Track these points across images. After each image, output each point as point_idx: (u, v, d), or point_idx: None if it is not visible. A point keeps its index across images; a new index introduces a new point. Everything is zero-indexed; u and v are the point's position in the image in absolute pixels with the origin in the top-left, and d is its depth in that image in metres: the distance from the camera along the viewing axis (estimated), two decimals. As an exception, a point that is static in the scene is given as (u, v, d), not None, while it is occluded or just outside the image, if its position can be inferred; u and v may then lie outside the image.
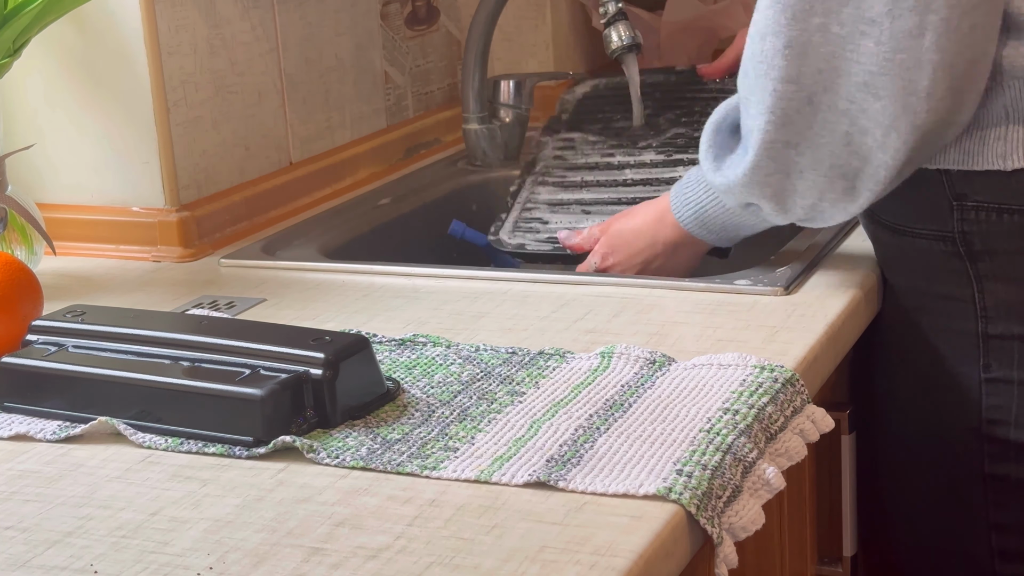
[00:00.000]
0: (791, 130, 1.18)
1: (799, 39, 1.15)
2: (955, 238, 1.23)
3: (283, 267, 1.44)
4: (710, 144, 1.26)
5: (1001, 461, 1.25)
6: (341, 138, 1.76)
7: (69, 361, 1.08)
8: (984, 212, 1.21)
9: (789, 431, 1.02)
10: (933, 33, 1.12)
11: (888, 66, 1.13)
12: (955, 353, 1.26)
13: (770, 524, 1.00)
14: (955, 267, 1.24)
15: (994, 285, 1.23)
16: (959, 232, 1.23)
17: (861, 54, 1.14)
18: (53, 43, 1.48)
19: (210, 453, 1.01)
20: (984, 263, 1.23)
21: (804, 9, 1.15)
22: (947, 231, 1.23)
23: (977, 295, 1.24)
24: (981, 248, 1.22)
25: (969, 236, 1.22)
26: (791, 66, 1.16)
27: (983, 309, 1.24)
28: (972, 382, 1.25)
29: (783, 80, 1.16)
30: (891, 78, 1.14)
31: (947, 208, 1.22)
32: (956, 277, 1.24)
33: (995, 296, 1.23)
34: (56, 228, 1.49)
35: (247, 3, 1.58)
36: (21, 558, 0.88)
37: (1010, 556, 1.27)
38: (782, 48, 1.16)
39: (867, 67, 1.14)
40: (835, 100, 1.16)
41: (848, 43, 1.14)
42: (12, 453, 1.03)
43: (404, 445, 1.00)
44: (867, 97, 1.15)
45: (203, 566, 0.86)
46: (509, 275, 1.38)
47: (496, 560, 0.84)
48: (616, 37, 1.67)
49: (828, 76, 1.16)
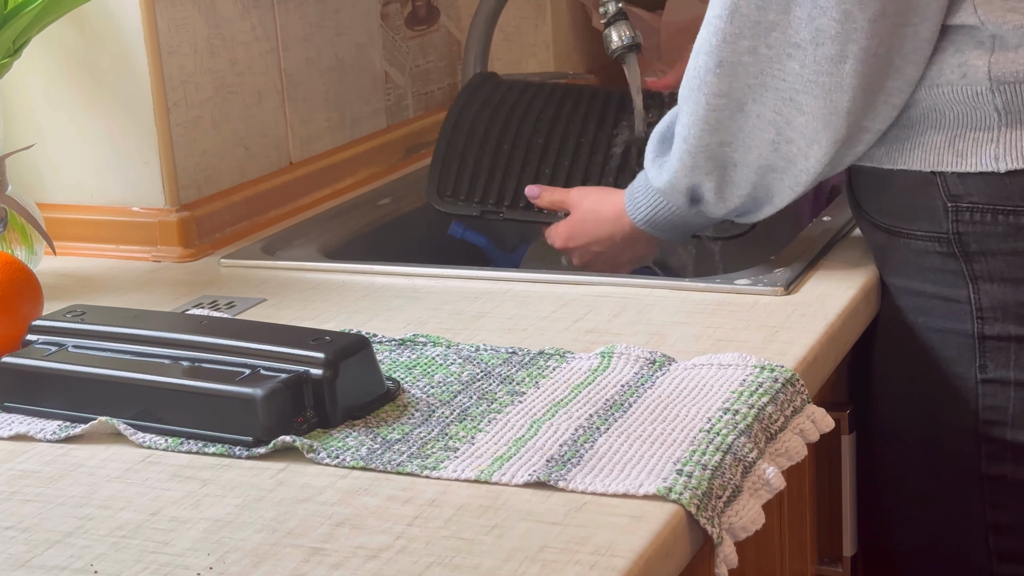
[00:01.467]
0: (725, 133, 1.26)
1: (729, 59, 1.23)
2: (950, 239, 1.24)
3: (283, 267, 1.44)
4: (655, 151, 1.34)
5: (998, 462, 1.25)
6: (341, 138, 1.76)
7: (69, 361, 1.08)
8: (979, 213, 1.22)
9: (789, 431, 1.02)
10: (854, 60, 1.20)
11: (811, 87, 1.21)
12: (951, 354, 1.26)
13: (770, 524, 1.00)
14: (951, 268, 1.24)
15: (990, 286, 1.23)
16: (954, 233, 1.23)
17: (787, 74, 1.22)
18: (53, 43, 1.48)
19: (210, 453, 1.01)
20: (979, 264, 1.23)
21: (735, 32, 1.22)
22: (942, 233, 1.24)
23: (973, 296, 1.24)
24: (976, 249, 1.23)
25: (964, 237, 1.23)
26: (722, 83, 1.23)
27: (979, 310, 1.24)
28: (968, 383, 1.25)
29: (715, 95, 1.24)
30: (814, 97, 1.21)
31: (942, 210, 1.23)
32: (952, 278, 1.25)
33: (991, 297, 1.23)
34: (56, 228, 1.49)
35: (247, 3, 1.58)
36: (21, 558, 0.88)
37: (1007, 556, 1.27)
38: (714, 67, 1.23)
39: (792, 85, 1.22)
40: (763, 110, 1.24)
41: (775, 63, 1.22)
42: (12, 453, 1.03)
43: (404, 445, 1.00)
44: (792, 111, 1.23)
45: (203, 566, 0.86)
46: (509, 275, 1.38)
47: (496, 560, 0.84)
48: (616, 37, 1.66)
49: (756, 90, 1.23)
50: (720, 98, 1.24)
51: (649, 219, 1.36)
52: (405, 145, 1.86)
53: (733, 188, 1.28)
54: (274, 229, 1.57)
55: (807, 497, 1.27)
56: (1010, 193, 1.20)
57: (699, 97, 1.25)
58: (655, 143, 1.34)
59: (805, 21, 1.19)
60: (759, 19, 1.21)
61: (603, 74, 2.19)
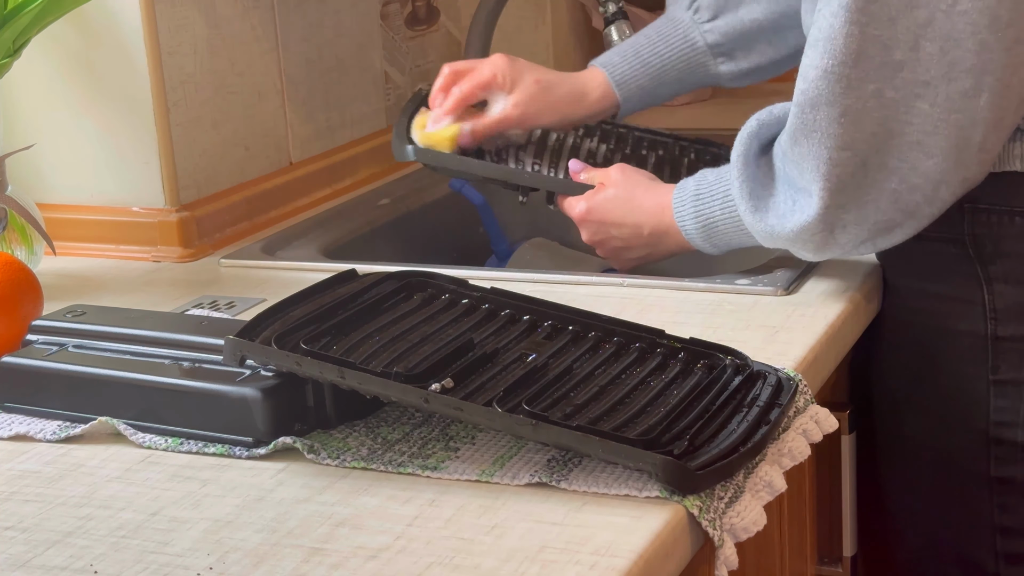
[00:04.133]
0: (844, 194, 1.18)
1: (854, 107, 1.15)
2: (965, 240, 1.23)
3: (283, 267, 1.44)
4: (744, 179, 1.25)
5: (1007, 464, 1.25)
6: (341, 138, 1.76)
7: (69, 361, 1.08)
8: (995, 215, 1.21)
9: (792, 431, 1.02)
10: (989, 93, 1.13)
11: (942, 126, 1.14)
12: (963, 355, 1.26)
13: (770, 524, 1.00)
14: (965, 269, 1.24)
15: (1004, 287, 1.23)
16: (969, 235, 1.23)
17: (915, 116, 1.14)
18: (53, 43, 1.48)
19: (210, 453, 1.01)
20: (995, 266, 1.23)
21: (859, 78, 1.14)
22: (957, 234, 1.23)
23: (987, 297, 1.23)
24: (992, 250, 1.22)
25: (980, 239, 1.22)
26: (847, 134, 1.15)
27: (993, 311, 1.23)
28: (979, 384, 1.25)
29: (839, 148, 1.16)
30: (945, 136, 1.14)
31: (957, 211, 1.22)
32: (965, 279, 1.24)
33: (1005, 298, 1.23)
34: (56, 228, 1.49)
35: (247, 3, 1.58)
36: (21, 558, 0.88)
37: (1015, 559, 1.27)
38: (838, 117, 1.15)
39: (920, 127, 1.14)
40: (885, 160, 1.16)
41: (901, 106, 1.14)
42: (12, 453, 1.03)
43: (405, 445, 1.00)
44: (919, 156, 1.15)
45: (203, 566, 0.86)
46: (509, 275, 1.38)
47: (496, 560, 0.84)
48: (616, 37, 1.67)
49: (881, 138, 1.15)
50: (844, 151, 1.15)
51: (706, 229, 1.29)
52: (405, 145, 1.86)
53: (834, 247, 1.21)
54: (274, 229, 1.57)
55: (807, 497, 1.27)
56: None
57: (820, 151, 1.16)
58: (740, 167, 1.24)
59: (937, 56, 1.12)
60: (886, 60, 1.13)
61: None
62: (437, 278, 1.15)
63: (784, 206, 1.22)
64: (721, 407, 0.99)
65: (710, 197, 1.29)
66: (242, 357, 1.00)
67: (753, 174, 1.24)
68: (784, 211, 1.22)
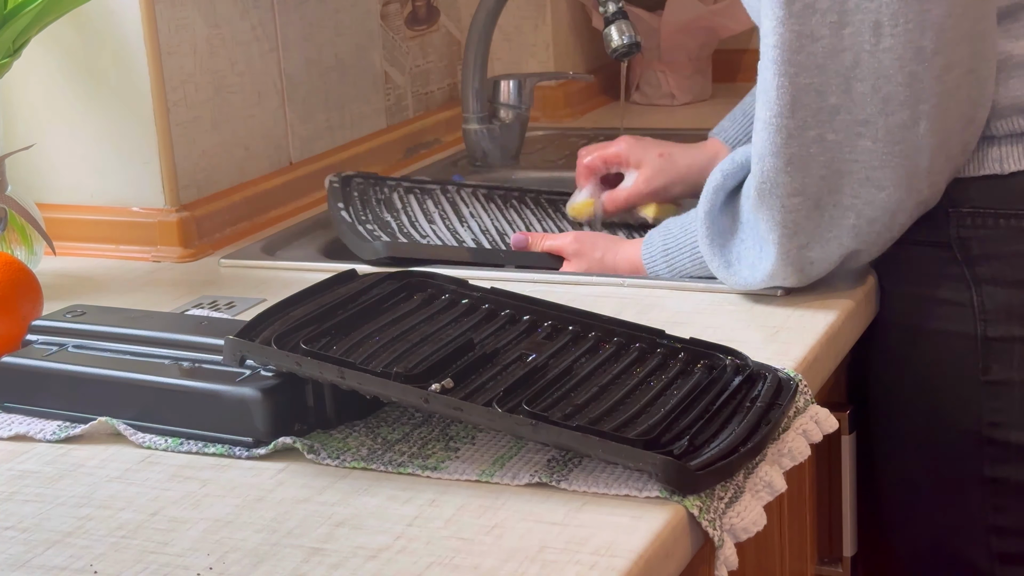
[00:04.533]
0: (803, 235, 1.20)
1: (798, 154, 1.17)
2: (951, 244, 1.24)
3: (283, 267, 1.44)
4: (712, 236, 1.26)
5: (1001, 464, 1.25)
6: (341, 138, 1.76)
7: (69, 361, 1.08)
8: (980, 217, 1.22)
9: (792, 431, 1.02)
10: (927, 120, 1.16)
11: (888, 159, 1.16)
12: (954, 357, 1.26)
13: (770, 524, 1.00)
14: (953, 272, 1.25)
15: (993, 288, 1.23)
16: (956, 238, 1.23)
17: (859, 153, 1.17)
18: (53, 43, 1.48)
19: (210, 453, 1.01)
20: (982, 267, 1.23)
21: (798, 127, 1.16)
22: (943, 238, 1.24)
23: (976, 299, 1.24)
24: (979, 253, 1.23)
25: (967, 242, 1.23)
26: (795, 181, 1.18)
27: (982, 312, 1.24)
28: (972, 385, 1.25)
29: (789, 195, 1.18)
30: (892, 168, 1.17)
31: (943, 214, 1.23)
32: (954, 282, 1.25)
33: (994, 299, 1.23)
34: (56, 228, 1.49)
35: (247, 3, 1.58)
36: (21, 558, 0.88)
37: (1010, 559, 1.27)
38: (784, 166, 1.18)
39: (867, 164, 1.17)
40: (839, 198, 1.19)
41: (845, 147, 1.17)
42: (12, 453, 1.03)
43: (405, 445, 1.00)
44: (871, 190, 1.18)
45: (203, 566, 0.86)
46: (509, 275, 1.38)
47: (496, 560, 0.84)
48: (616, 36, 1.67)
49: (831, 179, 1.18)
50: (795, 197, 1.18)
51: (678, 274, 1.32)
52: (405, 145, 1.86)
53: (806, 280, 1.24)
54: (274, 229, 1.57)
55: (807, 497, 1.27)
56: (1011, 196, 1.20)
57: (773, 201, 1.19)
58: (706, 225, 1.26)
59: (870, 95, 1.15)
60: (821, 105, 1.15)
61: (603, 74, 2.19)
62: (437, 278, 1.15)
63: (752, 255, 1.24)
64: (721, 407, 0.99)
65: (678, 251, 1.32)
66: (242, 357, 1.00)
67: (720, 229, 1.26)
68: (753, 260, 1.24)
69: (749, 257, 1.25)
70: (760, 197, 1.20)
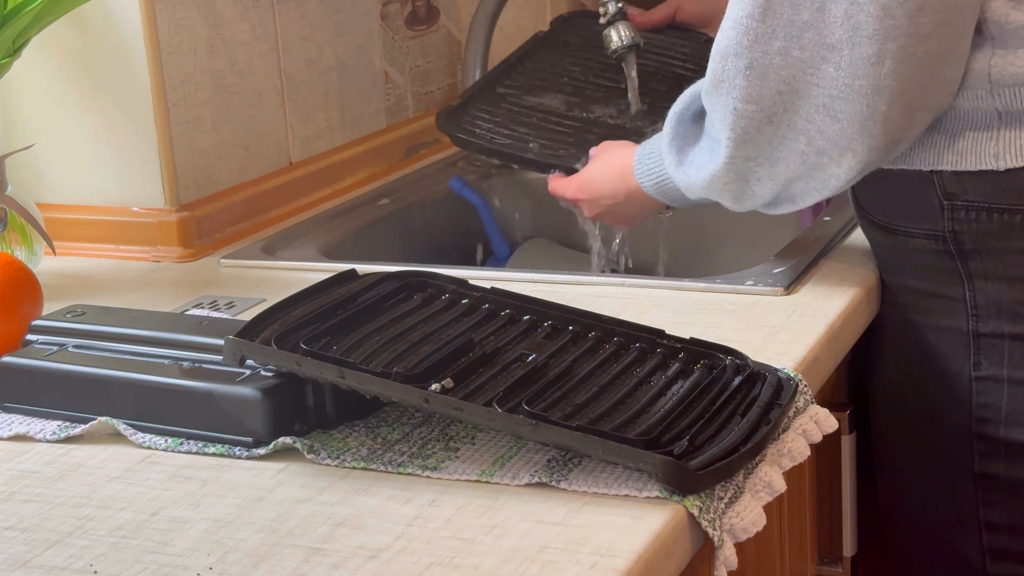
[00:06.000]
0: (751, 146, 1.21)
1: (760, 61, 1.18)
2: (946, 237, 1.24)
3: (283, 267, 1.44)
4: (673, 136, 1.29)
5: (991, 459, 1.26)
6: (341, 138, 1.76)
7: (69, 361, 1.08)
8: (974, 212, 1.22)
9: (792, 431, 1.02)
10: (892, 60, 1.15)
11: (848, 91, 1.16)
12: (947, 351, 1.27)
13: (770, 524, 1.00)
14: (947, 266, 1.25)
15: (985, 284, 1.23)
16: (950, 232, 1.23)
17: (821, 78, 1.17)
18: (53, 43, 1.48)
19: (210, 453, 1.01)
20: (975, 262, 1.23)
21: (766, 32, 1.17)
22: (938, 231, 1.24)
23: (968, 294, 1.24)
24: (972, 247, 1.23)
25: (960, 236, 1.23)
26: (752, 87, 1.18)
27: (974, 308, 1.24)
28: (963, 380, 1.26)
29: (744, 100, 1.19)
30: (850, 102, 1.16)
31: (938, 208, 1.23)
32: (948, 276, 1.25)
33: (986, 295, 1.23)
34: (56, 228, 1.49)
35: (247, 3, 1.58)
36: (21, 558, 0.88)
37: (1001, 555, 1.27)
38: (744, 69, 1.18)
39: (827, 91, 1.17)
40: (794, 119, 1.19)
41: (808, 67, 1.17)
42: (12, 453, 1.03)
43: (405, 445, 1.00)
44: (825, 119, 1.18)
45: (203, 566, 0.86)
46: (509, 275, 1.38)
47: (496, 560, 0.84)
48: (616, 37, 1.66)
49: (788, 97, 1.18)
50: (749, 104, 1.19)
51: (657, 185, 1.34)
52: (405, 145, 1.86)
53: (752, 198, 1.25)
54: (274, 229, 1.57)
55: (807, 497, 1.27)
56: (1006, 192, 1.20)
57: (727, 101, 1.20)
58: (672, 125, 1.29)
59: (841, 19, 1.14)
60: (792, 18, 1.16)
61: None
62: (437, 278, 1.15)
63: (702, 157, 1.26)
64: (721, 407, 0.99)
65: (657, 154, 1.33)
66: (242, 357, 1.00)
67: (683, 131, 1.29)
68: (702, 162, 1.26)
69: (700, 159, 1.26)
70: (716, 94, 1.21)
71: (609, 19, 1.67)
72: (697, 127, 1.28)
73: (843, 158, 1.19)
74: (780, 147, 1.20)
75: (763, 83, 1.18)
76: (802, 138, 1.19)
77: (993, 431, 1.25)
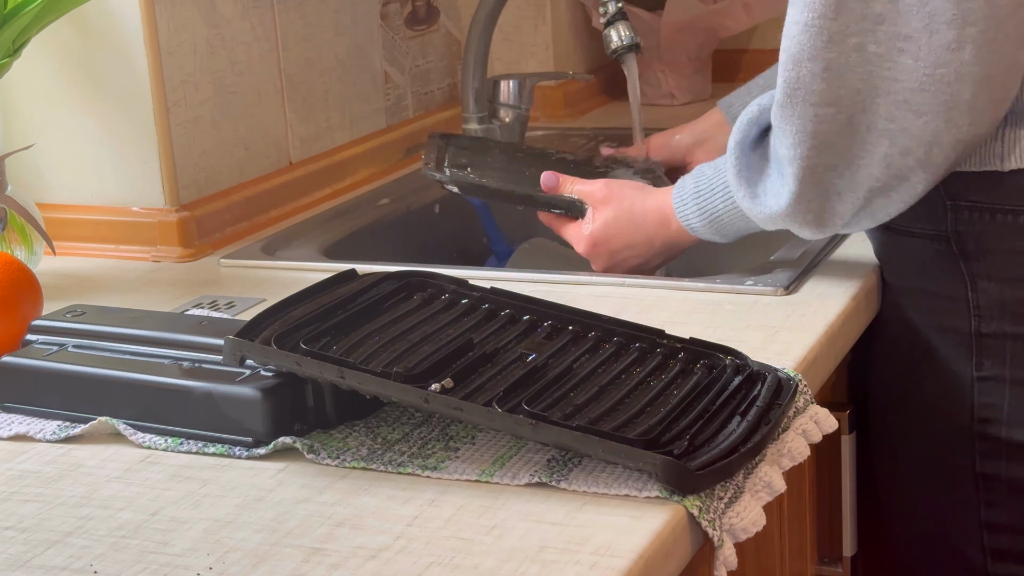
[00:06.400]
0: (832, 153, 1.17)
1: (836, 61, 1.13)
2: (949, 237, 1.24)
3: (283, 267, 1.44)
4: (740, 167, 1.24)
5: (992, 460, 1.26)
6: (341, 138, 1.76)
7: (69, 361, 1.08)
8: (977, 212, 1.22)
9: (792, 431, 1.02)
10: (973, 46, 1.11)
11: (928, 82, 1.12)
12: (948, 351, 1.26)
13: (770, 524, 1.00)
14: (949, 266, 1.25)
15: (987, 284, 1.23)
16: (953, 232, 1.23)
17: (899, 71, 1.13)
18: (53, 43, 1.48)
19: (210, 453, 1.01)
20: (978, 263, 1.23)
21: (840, 31, 1.13)
22: (941, 231, 1.24)
23: (971, 294, 1.24)
24: (975, 248, 1.23)
25: (963, 236, 1.23)
26: (830, 89, 1.14)
27: (976, 308, 1.24)
28: (964, 381, 1.26)
29: (823, 104, 1.15)
30: (932, 94, 1.12)
31: (941, 208, 1.23)
32: (950, 276, 1.25)
33: (988, 295, 1.23)
34: (56, 228, 1.49)
35: (247, 3, 1.58)
36: (21, 558, 0.88)
37: (1002, 555, 1.27)
38: (820, 72, 1.14)
39: (906, 84, 1.13)
40: (874, 120, 1.15)
41: (885, 61, 1.13)
42: (12, 453, 1.03)
43: (405, 445, 1.00)
44: (907, 115, 1.14)
45: (203, 566, 0.86)
46: (509, 275, 1.38)
47: (496, 560, 0.84)
48: (616, 37, 1.66)
49: (866, 96, 1.14)
50: (829, 107, 1.14)
51: (713, 223, 1.29)
52: (405, 145, 1.86)
53: (833, 217, 1.20)
54: (274, 229, 1.57)
55: (807, 497, 1.27)
56: (1010, 193, 1.20)
57: (805, 109, 1.15)
58: (736, 156, 1.24)
59: (916, 7, 1.10)
60: (865, 12, 1.11)
61: (603, 74, 2.19)
62: (437, 278, 1.15)
63: (777, 184, 1.22)
64: (721, 407, 0.99)
65: (711, 192, 1.29)
66: (242, 357, 1.00)
67: (748, 161, 1.24)
68: (778, 188, 1.21)
69: (774, 186, 1.21)
70: (790, 104, 1.16)
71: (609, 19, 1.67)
72: (759, 154, 1.24)
73: (930, 155, 1.14)
74: (861, 152, 1.16)
75: (841, 83, 1.14)
76: (885, 140, 1.15)
77: (994, 431, 1.25)
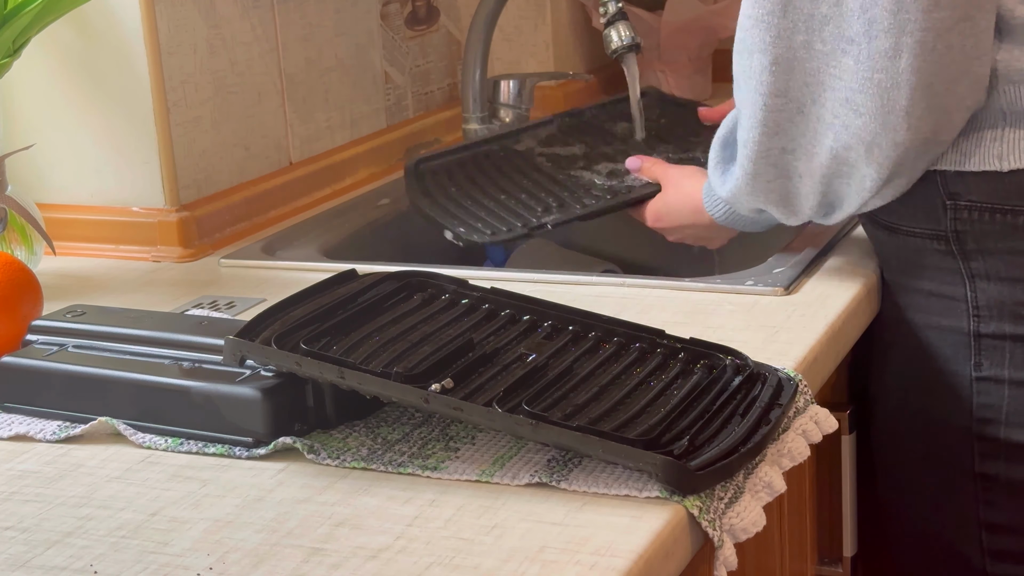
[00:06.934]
0: (786, 137, 1.22)
1: (785, 56, 1.19)
2: (948, 237, 1.24)
3: (283, 267, 1.44)
4: (718, 158, 1.31)
5: (991, 460, 1.26)
6: (341, 138, 1.76)
7: (69, 361, 1.08)
8: (977, 212, 1.22)
9: (792, 432, 1.02)
10: (909, 55, 1.15)
11: (867, 85, 1.17)
12: (948, 351, 1.26)
13: (770, 524, 1.00)
14: (948, 266, 1.25)
15: (987, 284, 1.23)
16: (952, 231, 1.23)
17: (843, 71, 1.18)
18: (53, 43, 1.48)
19: (210, 453, 1.01)
20: (977, 262, 1.23)
21: (788, 28, 1.18)
22: (941, 230, 1.24)
23: (970, 294, 1.24)
24: (974, 247, 1.23)
25: (962, 235, 1.23)
26: (779, 81, 1.20)
27: (975, 308, 1.24)
28: (963, 381, 1.26)
29: (772, 94, 1.21)
30: (870, 96, 1.17)
31: (940, 207, 1.23)
32: (949, 276, 1.25)
33: (987, 295, 1.23)
34: (56, 228, 1.49)
35: (247, 3, 1.58)
36: (21, 558, 0.88)
37: (1001, 556, 1.27)
38: (769, 65, 1.20)
39: (848, 84, 1.17)
40: (822, 112, 1.20)
41: (831, 59, 1.18)
42: (12, 453, 1.03)
43: (405, 445, 1.00)
44: (849, 113, 1.18)
45: (203, 566, 0.86)
46: (509, 275, 1.38)
47: (496, 560, 0.84)
48: (616, 37, 1.66)
49: (815, 89, 1.19)
50: (778, 98, 1.20)
51: (727, 214, 1.34)
52: (405, 145, 1.86)
53: (799, 199, 1.25)
54: (274, 229, 1.57)
55: (807, 497, 1.27)
56: (1009, 192, 1.20)
57: (756, 98, 1.21)
58: (717, 148, 1.31)
59: (858, 13, 1.16)
60: (812, 12, 1.17)
61: (603, 74, 2.19)
62: (437, 278, 1.15)
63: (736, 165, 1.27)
64: (721, 407, 0.99)
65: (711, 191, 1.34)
66: (242, 357, 1.00)
67: (725, 155, 1.30)
68: (735, 169, 1.27)
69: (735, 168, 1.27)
70: (740, 92, 1.22)
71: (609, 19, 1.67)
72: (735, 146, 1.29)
73: (870, 154, 1.19)
74: (814, 139, 1.21)
75: (789, 76, 1.20)
76: (830, 133, 1.20)
77: (994, 432, 1.25)
